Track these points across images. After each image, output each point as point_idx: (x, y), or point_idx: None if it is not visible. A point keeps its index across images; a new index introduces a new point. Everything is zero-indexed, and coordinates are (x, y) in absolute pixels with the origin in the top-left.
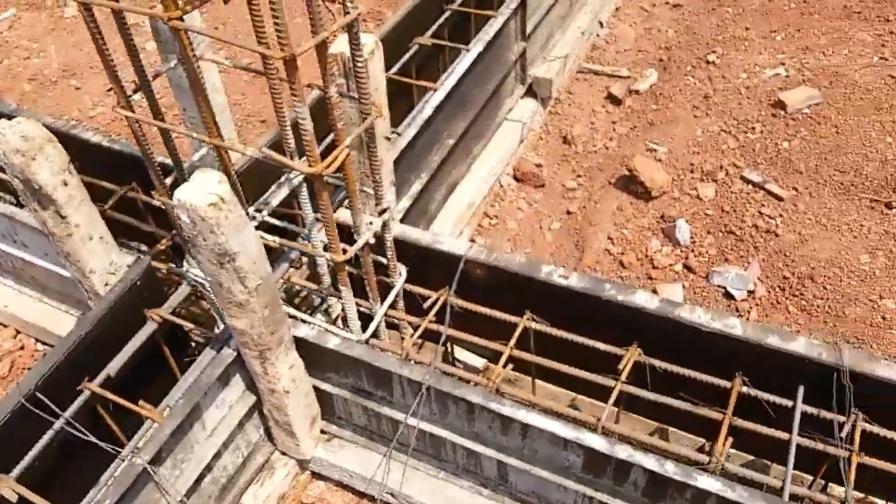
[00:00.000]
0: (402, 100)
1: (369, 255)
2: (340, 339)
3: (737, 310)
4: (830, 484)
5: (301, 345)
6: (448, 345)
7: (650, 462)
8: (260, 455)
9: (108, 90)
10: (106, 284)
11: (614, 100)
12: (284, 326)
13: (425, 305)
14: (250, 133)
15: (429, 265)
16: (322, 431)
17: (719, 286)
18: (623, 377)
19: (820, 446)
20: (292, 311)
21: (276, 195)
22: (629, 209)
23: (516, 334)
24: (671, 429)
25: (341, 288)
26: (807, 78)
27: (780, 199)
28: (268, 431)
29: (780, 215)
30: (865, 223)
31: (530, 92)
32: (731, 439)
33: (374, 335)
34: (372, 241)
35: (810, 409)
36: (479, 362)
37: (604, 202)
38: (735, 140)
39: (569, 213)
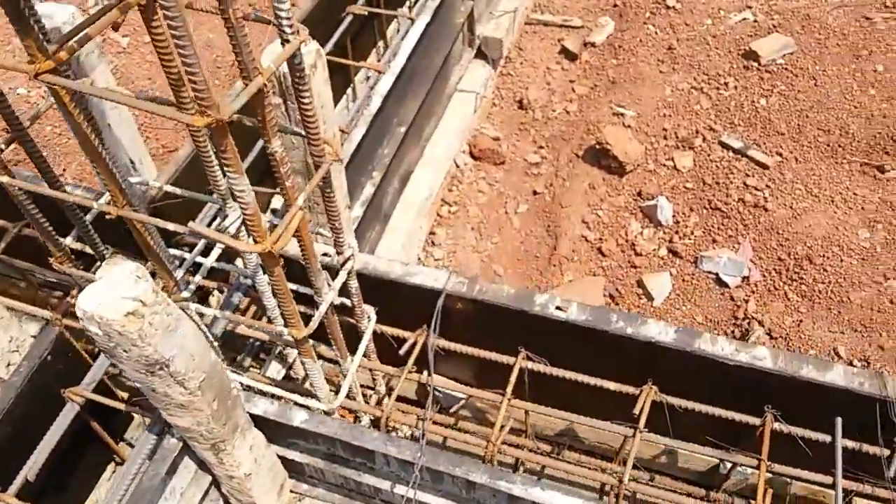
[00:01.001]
0: (335, 76)
1: (335, 314)
2: (308, 415)
3: (731, 298)
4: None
5: (261, 421)
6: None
7: None
8: None
9: None
10: (8, 365)
11: (569, 55)
12: (238, 410)
13: (402, 351)
14: (167, 123)
15: (401, 301)
16: (292, 491)
17: (710, 272)
18: (641, 425)
19: (868, 489)
20: (244, 379)
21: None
22: (602, 187)
23: (512, 380)
24: (680, 450)
25: (304, 361)
26: (777, 23)
27: (764, 166)
28: (227, 502)
29: (768, 186)
30: (859, 191)
31: (479, 54)
32: (770, 491)
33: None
34: (335, 301)
35: (851, 444)
36: (460, 393)
37: (573, 180)
38: (708, 98)
39: (535, 193)
